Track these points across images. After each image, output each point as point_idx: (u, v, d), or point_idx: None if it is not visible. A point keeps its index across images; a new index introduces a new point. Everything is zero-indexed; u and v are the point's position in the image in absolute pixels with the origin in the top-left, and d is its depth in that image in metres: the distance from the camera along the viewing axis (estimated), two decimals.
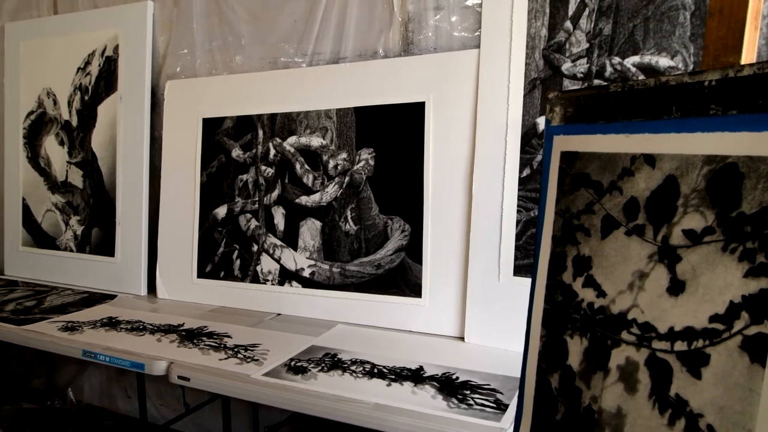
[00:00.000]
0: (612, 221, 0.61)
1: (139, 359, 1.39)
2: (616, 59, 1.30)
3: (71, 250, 2.20)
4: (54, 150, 2.25)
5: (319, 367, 1.30)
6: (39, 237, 2.29)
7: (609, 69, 1.31)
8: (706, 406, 0.49)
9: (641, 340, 0.56)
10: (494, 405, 1.11)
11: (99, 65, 2.11)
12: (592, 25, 1.33)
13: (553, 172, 0.71)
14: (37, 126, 2.28)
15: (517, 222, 1.41)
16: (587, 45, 1.33)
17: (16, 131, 2.33)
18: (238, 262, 1.83)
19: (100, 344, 1.48)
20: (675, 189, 0.54)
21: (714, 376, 0.49)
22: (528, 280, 1.35)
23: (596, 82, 1.32)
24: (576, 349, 0.65)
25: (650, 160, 0.57)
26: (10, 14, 2.40)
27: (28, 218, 2.32)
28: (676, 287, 0.53)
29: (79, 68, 2.17)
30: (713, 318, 0.49)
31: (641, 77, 1.27)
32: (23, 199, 2.32)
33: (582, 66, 1.34)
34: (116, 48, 2.07)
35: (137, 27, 2.02)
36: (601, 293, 0.62)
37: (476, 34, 1.52)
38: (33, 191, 2.31)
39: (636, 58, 1.28)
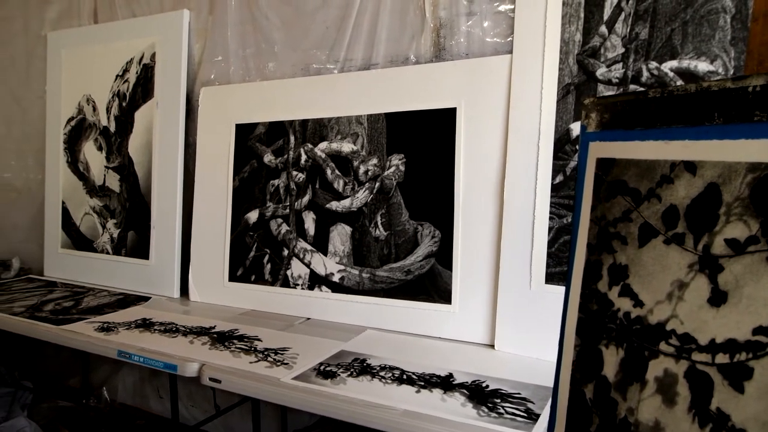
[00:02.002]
0: (650, 229, 0.60)
1: (172, 360, 1.41)
2: (653, 64, 1.28)
3: (108, 253, 2.25)
4: (92, 155, 2.32)
5: (348, 372, 1.31)
6: (77, 239, 2.35)
7: (645, 74, 1.29)
8: (748, 421, 0.48)
9: (680, 352, 0.55)
10: (525, 414, 1.10)
11: (136, 72, 2.17)
12: (628, 30, 1.31)
13: (589, 178, 0.70)
14: (77, 132, 2.35)
15: (550, 229, 1.39)
16: (623, 50, 1.31)
17: (57, 137, 2.41)
18: (268, 266, 1.85)
19: (134, 345, 1.51)
20: (717, 197, 0.52)
21: (757, 390, 0.47)
22: (560, 288, 1.34)
23: (632, 87, 1.30)
24: (611, 359, 0.64)
25: (691, 167, 0.56)
26: (53, 23, 2.49)
27: (68, 221, 2.38)
28: (718, 298, 0.52)
29: (117, 75, 2.23)
30: (757, 330, 0.48)
31: (679, 82, 1.24)
32: (63, 203, 2.39)
33: (617, 71, 1.32)
34: (153, 56, 2.12)
35: (174, 35, 2.07)
36: (638, 303, 0.61)
37: (509, 39, 1.51)
38: (72, 195, 2.37)
39: (674, 63, 1.26)
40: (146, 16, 2.19)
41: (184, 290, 2.04)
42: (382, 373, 1.30)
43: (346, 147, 1.72)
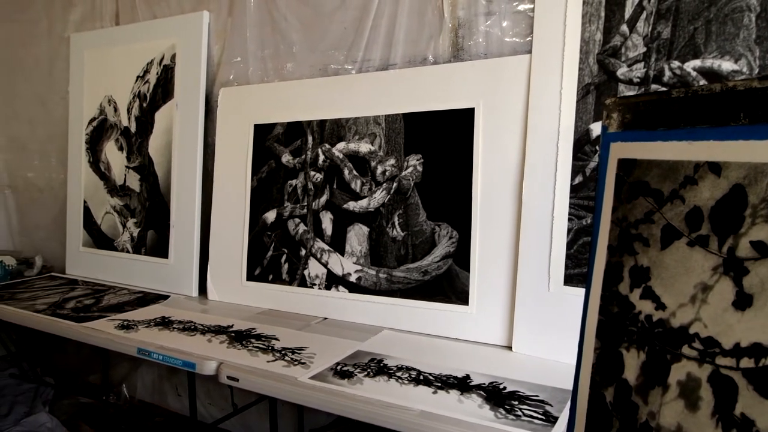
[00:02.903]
0: (673, 231, 0.59)
1: (191, 359, 1.43)
2: (676, 63, 1.26)
3: (128, 252, 2.28)
4: (114, 155, 2.35)
5: (365, 372, 1.31)
6: (98, 238, 2.38)
7: (668, 73, 1.27)
8: None
9: (704, 356, 0.54)
10: (543, 417, 1.09)
11: (157, 73, 2.19)
12: (650, 29, 1.29)
13: (610, 179, 0.69)
14: (99, 132, 2.39)
15: (569, 230, 1.37)
16: (644, 49, 1.30)
17: (79, 137, 2.44)
18: (286, 265, 1.85)
19: (153, 343, 1.53)
20: (742, 198, 0.52)
21: None
22: (579, 290, 1.33)
23: (654, 87, 1.28)
24: (632, 362, 0.63)
25: (715, 168, 0.55)
26: (76, 25, 2.53)
27: (89, 220, 2.42)
28: (743, 301, 0.51)
29: (138, 76, 2.26)
30: None
31: (702, 82, 1.23)
32: (84, 202, 2.43)
33: (639, 71, 1.30)
34: (173, 57, 2.15)
35: (193, 36, 2.09)
36: (661, 306, 0.60)
37: (528, 39, 1.50)
38: (93, 194, 2.41)
39: (697, 62, 1.24)
40: (167, 17, 2.21)
41: (203, 289, 2.05)
42: (398, 374, 1.30)
43: (364, 147, 1.72)
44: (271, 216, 1.90)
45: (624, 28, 1.32)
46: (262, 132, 1.93)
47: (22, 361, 2.75)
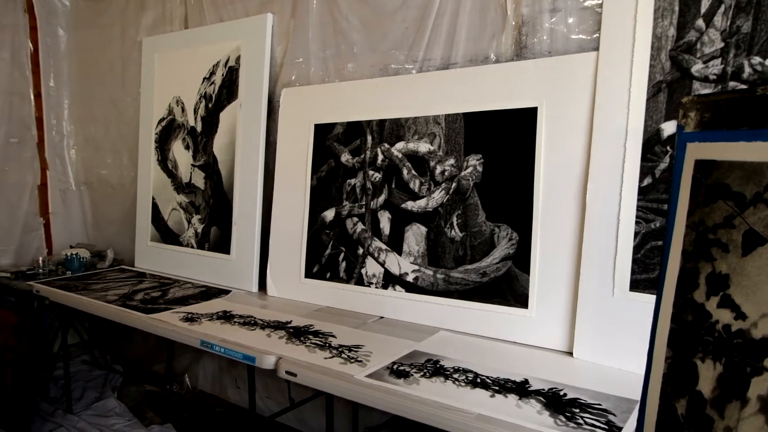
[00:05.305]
0: (756, 237, 0.55)
1: (251, 352, 1.46)
2: (757, 59, 1.19)
3: (192, 247, 2.36)
4: (180, 153, 2.44)
5: (422, 373, 1.30)
6: (165, 233, 2.48)
7: (747, 70, 1.20)
8: None
9: None
10: (606, 426, 1.05)
11: (222, 75, 2.26)
12: (729, 23, 1.22)
13: (686, 181, 0.66)
14: (167, 131, 2.49)
15: (636, 234, 1.32)
16: (722, 44, 1.23)
17: (149, 136, 2.55)
18: (343, 264, 1.87)
19: (216, 336, 1.58)
20: None
21: None
22: (647, 296, 1.28)
23: (731, 84, 1.21)
24: (708, 374, 0.60)
25: None
26: (148, 29, 2.64)
27: (157, 216, 2.52)
28: None
29: (204, 78, 2.33)
30: None
31: None
32: (153, 199, 2.54)
33: (715, 67, 1.24)
34: (238, 58, 2.21)
35: (257, 38, 2.14)
36: (741, 315, 0.56)
37: (595, 36, 1.46)
38: (161, 191, 2.51)
39: None
40: (232, 20, 2.28)
41: (262, 285, 2.10)
42: (455, 375, 1.29)
43: (423, 147, 1.72)
44: (329, 214, 1.92)
45: (700, 22, 1.26)
46: (323, 131, 1.95)
47: (93, 348, 2.90)
